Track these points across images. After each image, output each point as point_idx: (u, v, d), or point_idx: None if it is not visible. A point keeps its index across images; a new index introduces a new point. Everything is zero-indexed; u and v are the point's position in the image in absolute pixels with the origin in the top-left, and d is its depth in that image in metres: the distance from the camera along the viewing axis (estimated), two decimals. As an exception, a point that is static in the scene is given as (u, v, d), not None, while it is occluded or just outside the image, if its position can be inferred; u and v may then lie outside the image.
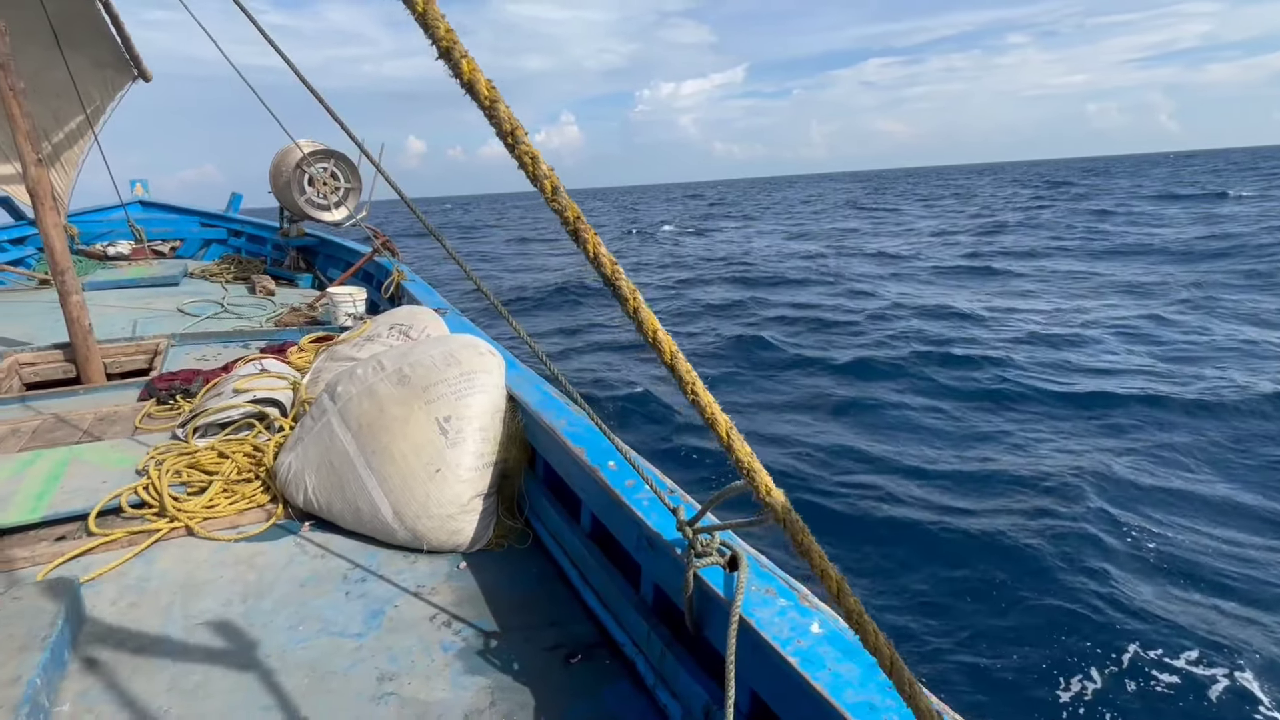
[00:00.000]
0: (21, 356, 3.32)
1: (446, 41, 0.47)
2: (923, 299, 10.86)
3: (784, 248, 20.38)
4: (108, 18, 4.92)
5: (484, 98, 0.48)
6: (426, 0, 0.46)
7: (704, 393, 0.57)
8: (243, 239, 7.02)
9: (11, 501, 1.89)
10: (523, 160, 0.49)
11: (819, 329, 9.37)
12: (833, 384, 6.86)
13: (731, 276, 14.41)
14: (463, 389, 2.04)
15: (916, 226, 25.32)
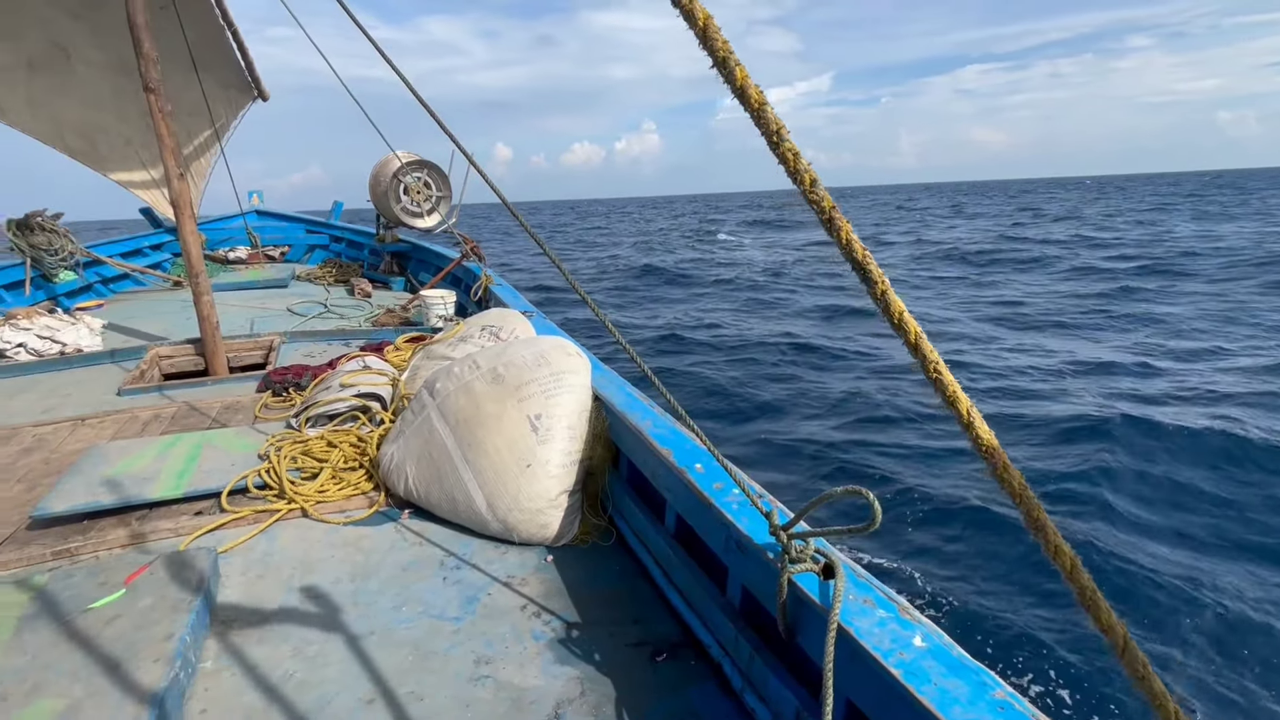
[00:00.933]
0: (161, 350, 3.70)
1: (723, 52, 0.53)
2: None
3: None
4: (235, 45, 5.42)
5: (754, 101, 0.54)
6: (707, 16, 0.52)
7: (946, 373, 0.59)
8: (343, 244, 7.53)
9: (158, 479, 2.11)
10: (784, 157, 0.54)
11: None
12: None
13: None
14: (552, 388, 2.11)
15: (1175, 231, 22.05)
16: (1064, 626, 3.21)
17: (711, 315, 11.58)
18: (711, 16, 0.53)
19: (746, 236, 32.27)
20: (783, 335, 9.57)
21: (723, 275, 17.09)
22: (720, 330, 10.28)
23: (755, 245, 26.98)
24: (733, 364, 8.06)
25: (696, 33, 0.54)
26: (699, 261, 20.79)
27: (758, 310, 12.22)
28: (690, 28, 0.54)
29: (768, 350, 8.83)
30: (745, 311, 12.07)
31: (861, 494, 1.01)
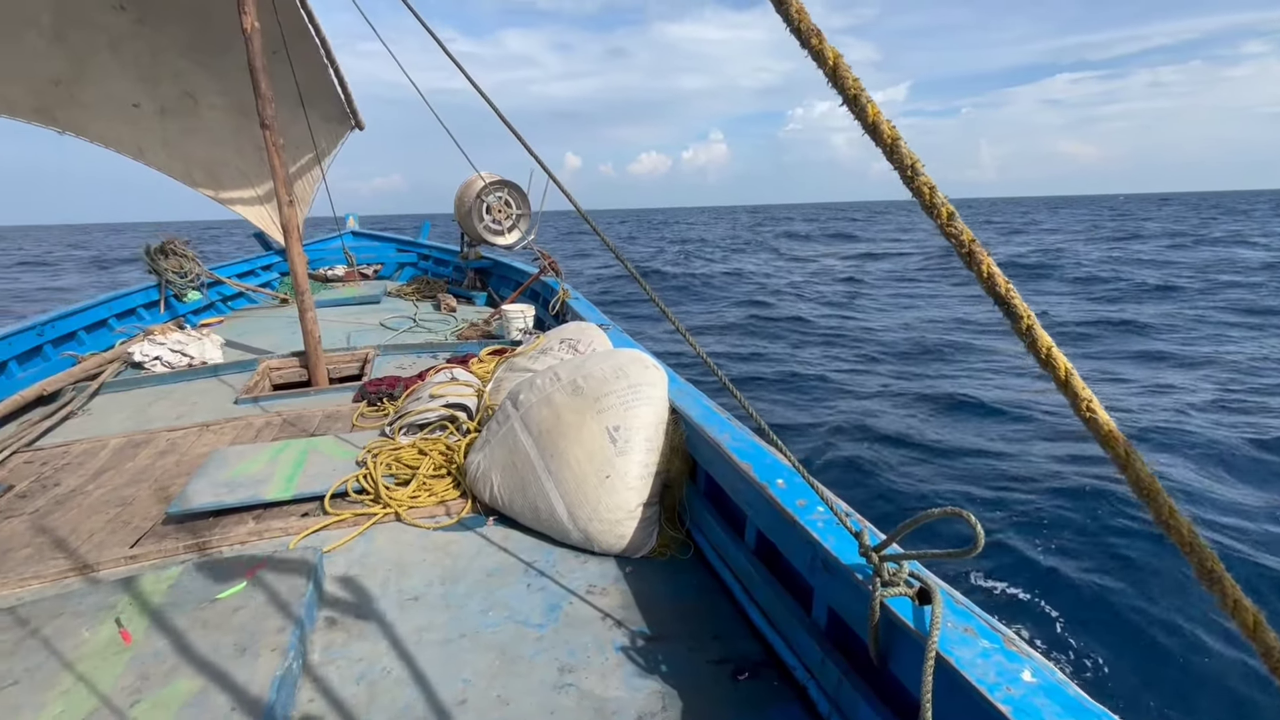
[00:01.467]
0: (271, 363, 4.03)
1: (854, 89, 0.55)
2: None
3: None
4: (336, 81, 5.87)
5: (886, 138, 0.55)
6: (836, 56, 0.54)
7: (1100, 411, 0.57)
8: (430, 262, 7.95)
9: (270, 482, 2.30)
10: (920, 191, 0.55)
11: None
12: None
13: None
14: (630, 400, 2.13)
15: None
16: (1202, 677, 2.88)
17: (789, 325, 11.36)
18: (841, 55, 0.53)
19: (817, 245, 31.50)
20: (870, 342, 9.26)
21: (793, 280, 16.78)
22: (801, 340, 10.07)
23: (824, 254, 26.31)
24: (812, 377, 7.85)
25: (826, 72, 0.54)
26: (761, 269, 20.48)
27: (841, 319, 11.89)
28: (820, 67, 0.54)
29: (852, 360, 8.55)
30: (829, 321, 11.76)
31: (962, 516, 0.96)
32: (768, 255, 26.92)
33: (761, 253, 28.23)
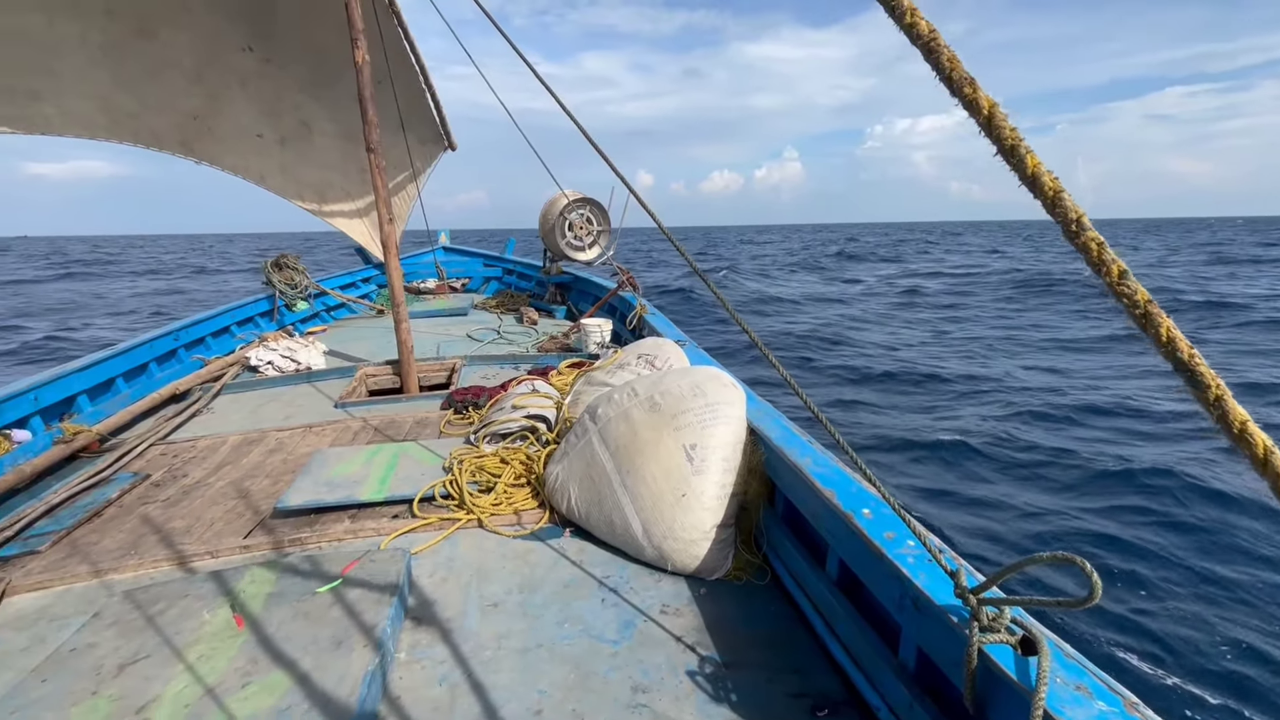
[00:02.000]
0: (367, 369, 4.30)
1: (1011, 140, 0.54)
2: None
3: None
4: (433, 106, 6.25)
5: (1047, 190, 0.53)
6: (991, 105, 0.53)
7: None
8: (514, 276, 8.26)
9: (365, 483, 2.44)
10: (1086, 247, 0.52)
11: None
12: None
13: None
14: (708, 418, 2.12)
15: None
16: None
17: (867, 345, 10.94)
18: (996, 105, 0.51)
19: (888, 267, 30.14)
20: (968, 365, 8.77)
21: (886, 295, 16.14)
22: (888, 358, 9.66)
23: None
24: (906, 399, 7.50)
25: (980, 122, 0.53)
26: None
27: (927, 341, 11.33)
28: (974, 117, 0.53)
29: (947, 382, 8.11)
30: (921, 342, 11.23)
31: (1075, 563, 0.88)
32: (814, 275, 26.01)
33: (810, 272, 27.29)
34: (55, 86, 3.91)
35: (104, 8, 3.97)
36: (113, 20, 4.05)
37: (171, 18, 4.34)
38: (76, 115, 4.09)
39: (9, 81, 3.69)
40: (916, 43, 0.58)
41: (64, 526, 2.27)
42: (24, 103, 3.80)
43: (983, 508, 4.71)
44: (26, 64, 3.74)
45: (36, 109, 3.87)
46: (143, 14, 4.18)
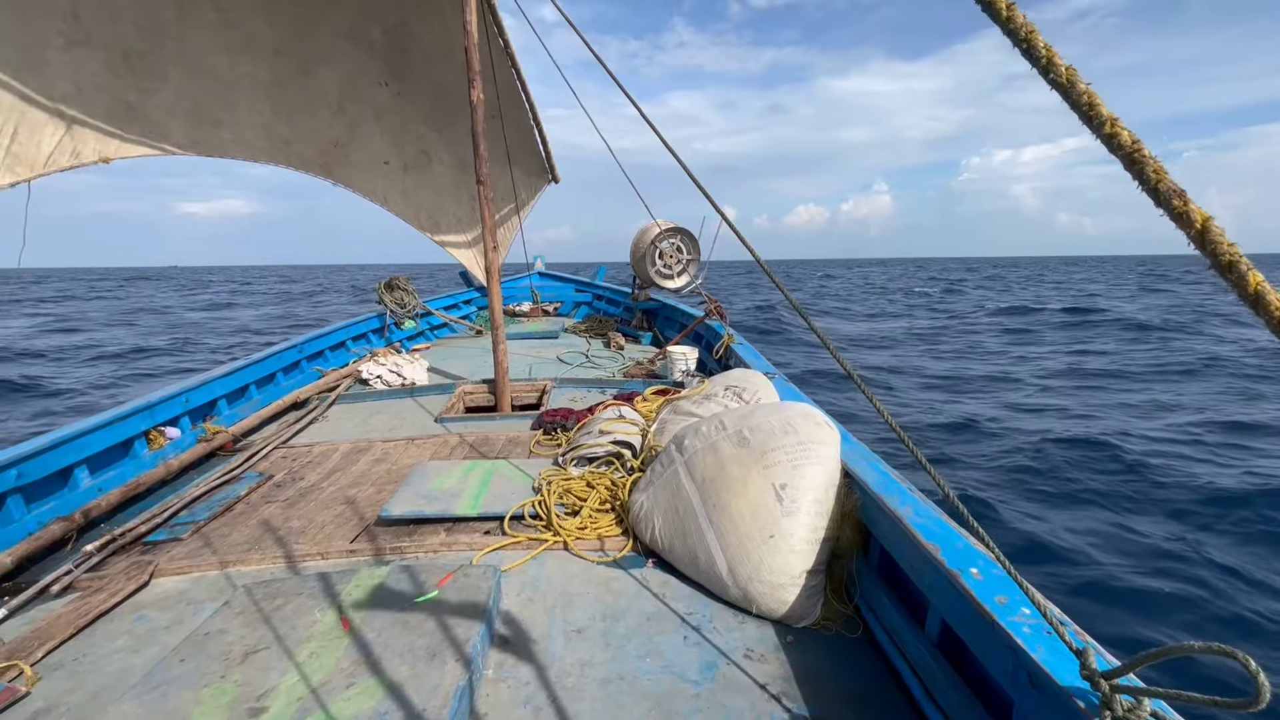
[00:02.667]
0: (465, 387, 4.53)
1: (1181, 203, 0.52)
2: None
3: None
4: (540, 141, 6.59)
5: (1224, 255, 0.50)
6: (1207, 221, 0.51)
7: None
8: (603, 302, 8.47)
9: (460, 498, 2.56)
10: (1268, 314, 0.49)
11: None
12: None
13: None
14: (799, 458, 2.06)
15: None
16: None
17: (967, 378, 10.25)
18: (1162, 168, 0.49)
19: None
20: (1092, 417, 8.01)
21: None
22: (992, 397, 9.01)
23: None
24: (1015, 438, 6.93)
25: (1172, 216, 0.51)
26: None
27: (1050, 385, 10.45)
28: (1121, 165, 0.51)
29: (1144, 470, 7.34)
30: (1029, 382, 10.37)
31: (1237, 657, 0.78)
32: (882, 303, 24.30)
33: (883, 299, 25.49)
34: (232, 116, 4.49)
35: (274, 49, 4.53)
36: (280, 59, 4.61)
37: (326, 57, 4.88)
38: (245, 141, 4.67)
39: (201, 111, 4.27)
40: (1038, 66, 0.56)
41: (201, 519, 2.52)
42: (209, 129, 4.38)
43: (1102, 574, 4.24)
44: (214, 97, 4.32)
45: (218, 135, 4.46)
46: (304, 54, 4.72)
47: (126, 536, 2.37)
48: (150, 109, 3.99)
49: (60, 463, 2.58)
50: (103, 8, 3.52)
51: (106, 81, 3.70)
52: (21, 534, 2.33)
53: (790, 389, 3.24)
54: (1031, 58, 0.58)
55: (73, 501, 2.58)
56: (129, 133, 3.88)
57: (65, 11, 3.37)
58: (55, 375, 12.15)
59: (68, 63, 3.45)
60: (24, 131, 3.26)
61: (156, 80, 3.97)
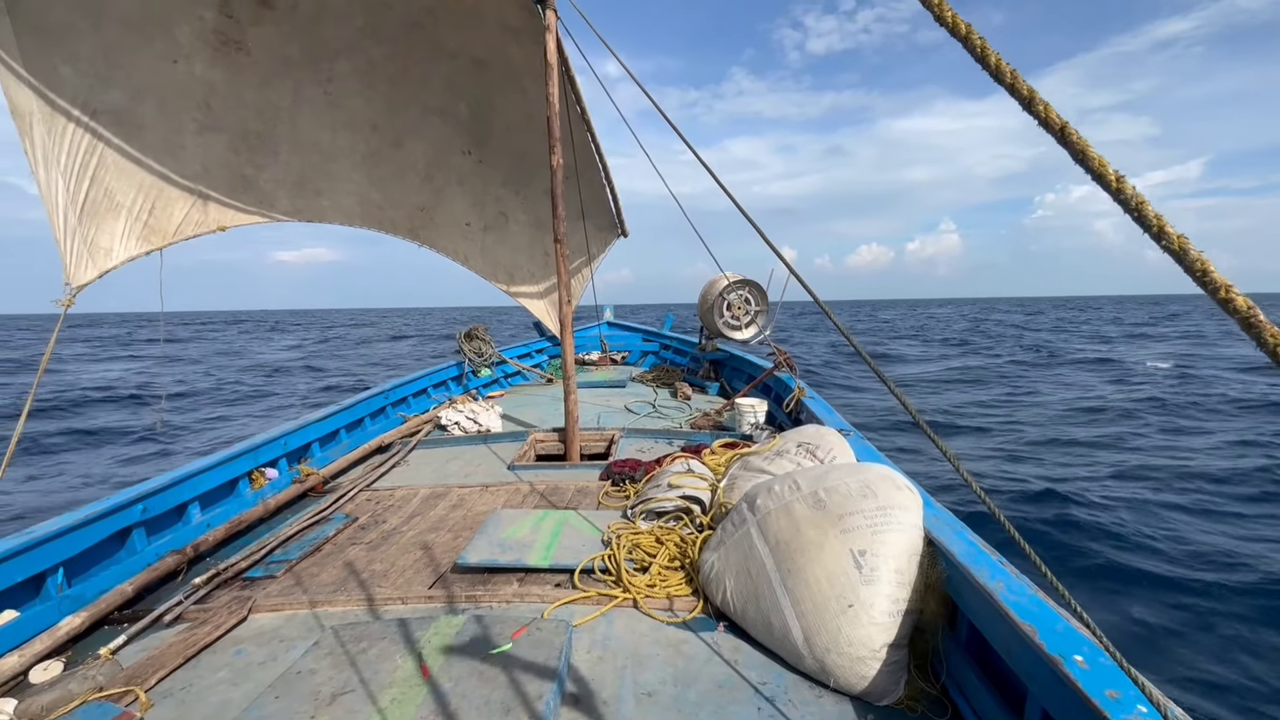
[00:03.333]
0: (537, 435, 4.65)
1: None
2: None
3: None
4: (611, 197, 6.87)
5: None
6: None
7: None
8: (670, 351, 8.55)
9: (532, 548, 2.60)
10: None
11: None
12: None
13: None
14: (879, 523, 1.99)
15: None
16: None
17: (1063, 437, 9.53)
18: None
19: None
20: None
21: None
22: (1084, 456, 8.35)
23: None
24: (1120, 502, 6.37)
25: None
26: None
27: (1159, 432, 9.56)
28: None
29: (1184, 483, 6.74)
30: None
31: None
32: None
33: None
34: (331, 185, 4.96)
35: (371, 125, 5.00)
36: (375, 133, 5.07)
37: (417, 131, 5.33)
38: (342, 208, 5.13)
39: (304, 181, 4.75)
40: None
41: (293, 557, 2.68)
42: (311, 198, 4.85)
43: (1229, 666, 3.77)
44: (316, 169, 4.80)
45: (317, 202, 4.92)
46: (398, 129, 5.18)
47: (229, 571, 2.54)
48: (262, 181, 4.46)
49: (177, 499, 2.82)
50: (230, 97, 4.02)
51: (228, 159, 4.18)
52: (142, 564, 2.55)
53: (867, 448, 3.14)
54: (1143, 225, 0.60)
55: (185, 536, 2.81)
56: (243, 203, 4.35)
57: (200, 102, 3.86)
58: (132, 420, 12.85)
59: (199, 145, 3.94)
60: (160, 206, 3.72)
61: (269, 156, 4.46)
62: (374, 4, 4.26)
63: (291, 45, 4.13)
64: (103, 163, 3.33)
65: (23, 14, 2.82)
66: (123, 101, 3.38)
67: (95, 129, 3.26)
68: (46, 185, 3.06)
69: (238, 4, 3.68)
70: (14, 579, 2.12)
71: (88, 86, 3.18)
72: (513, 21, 4.63)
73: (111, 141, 3.35)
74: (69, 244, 3.12)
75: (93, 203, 3.28)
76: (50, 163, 3.05)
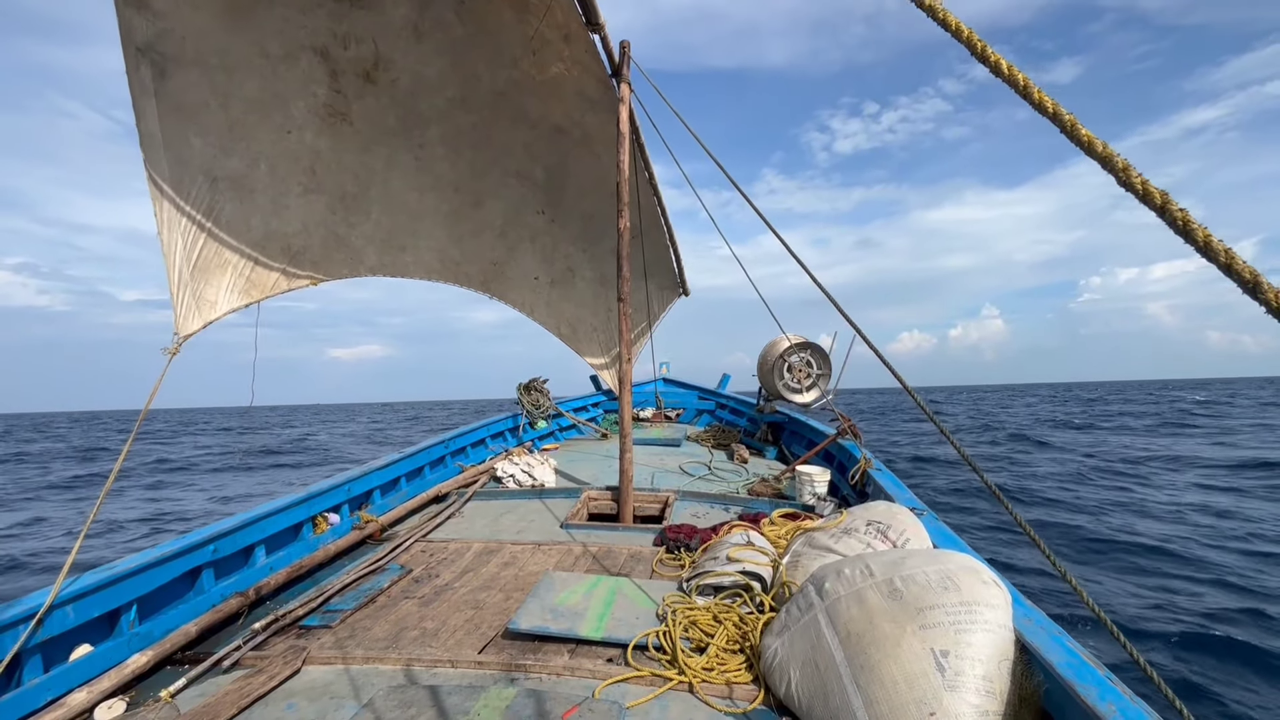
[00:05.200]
0: (590, 493, 4.60)
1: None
2: None
3: None
4: (674, 257, 6.99)
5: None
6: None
7: None
8: (726, 411, 8.42)
9: (585, 618, 2.52)
10: None
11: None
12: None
13: None
14: (963, 621, 1.82)
15: None
16: None
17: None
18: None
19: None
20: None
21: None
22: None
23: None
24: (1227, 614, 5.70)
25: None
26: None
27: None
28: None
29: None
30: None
31: None
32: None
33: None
34: (414, 243, 5.25)
35: (455, 186, 5.31)
36: (458, 194, 5.38)
37: (496, 192, 5.63)
38: (423, 263, 5.40)
39: (390, 239, 5.04)
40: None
41: (349, 607, 2.69)
42: (395, 254, 5.14)
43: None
44: (402, 227, 5.10)
45: (402, 258, 5.21)
46: (478, 190, 5.48)
47: (287, 618, 2.57)
48: (354, 239, 4.77)
49: (246, 541, 2.91)
50: (333, 162, 4.36)
51: (325, 218, 4.50)
52: (208, 605, 2.61)
53: (943, 531, 2.94)
54: (1239, 284, 0.56)
55: (249, 578, 2.87)
56: (335, 259, 4.64)
57: (307, 167, 4.21)
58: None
59: (301, 205, 4.26)
60: (261, 262, 4.01)
61: (361, 215, 4.77)
62: (466, 77, 4.59)
63: (389, 115, 4.48)
64: (217, 223, 3.65)
65: (166, 95, 3.20)
66: (240, 168, 3.72)
67: (215, 193, 3.59)
68: (169, 245, 3.36)
69: (346, 81, 4.04)
70: (92, 614, 2.20)
71: (212, 155, 3.53)
72: (591, 93, 4.88)
73: (227, 204, 3.67)
74: (181, 297, 3.39)
75: (205, 259, 3.58)
76: (174, 224, 3.37)
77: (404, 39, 4.04)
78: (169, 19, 3.02)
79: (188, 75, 3.23)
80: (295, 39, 3.61)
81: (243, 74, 3.49)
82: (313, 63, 3.79)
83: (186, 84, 3.25)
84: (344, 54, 3.89)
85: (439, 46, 4.19)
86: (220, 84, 3.41)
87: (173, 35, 3.07)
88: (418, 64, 4.23)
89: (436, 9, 3.93)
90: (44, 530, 10.69)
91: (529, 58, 4.48)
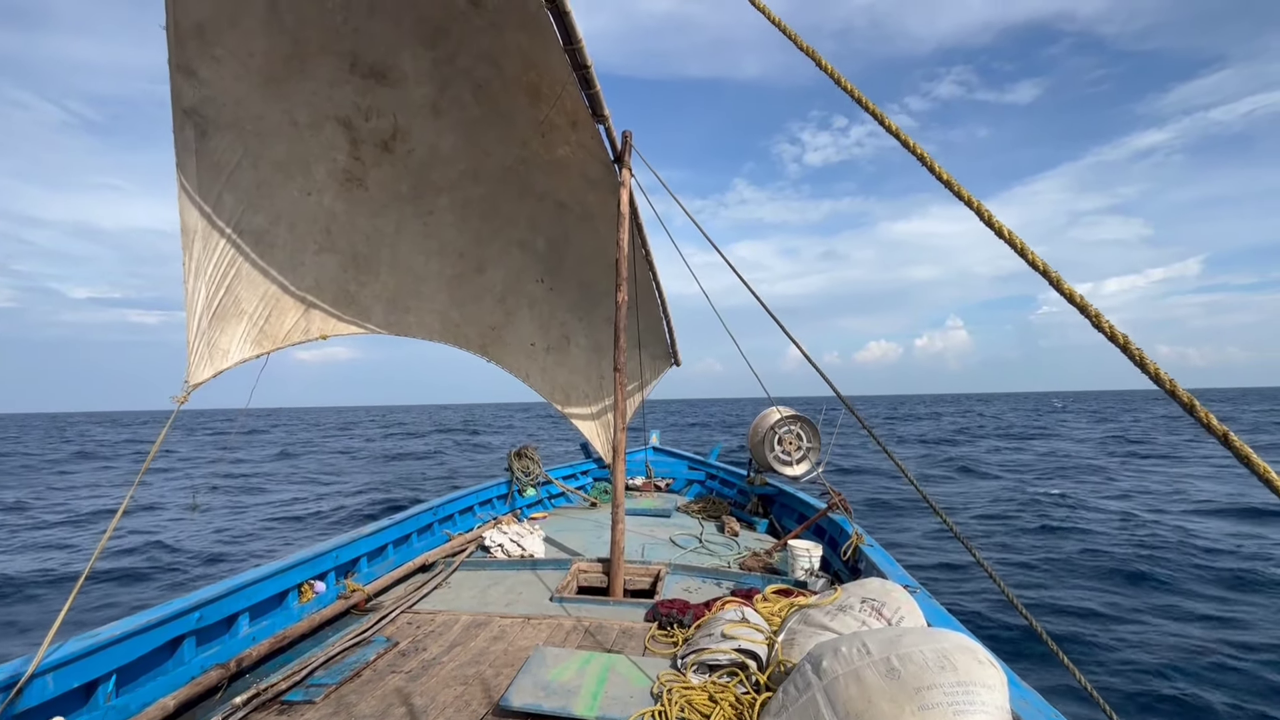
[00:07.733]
0: (580, 565, 4.52)
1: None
2: None
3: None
4: (666, 327, 7.16)
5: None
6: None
7: None
8: (716, 482, 8.38)
9: (578, 695, 2.45)
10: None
11: None
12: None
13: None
14: (961, 702, 1.82)
15: None
16: None
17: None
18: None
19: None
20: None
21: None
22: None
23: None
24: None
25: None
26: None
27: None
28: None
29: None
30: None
31: None
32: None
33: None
34: (418, 304, 5.37)
35: (459, 252, 5.48)
36: (462, 259, 5.54)
37: (498, 259, 5.81)
38: (425, 324, 5.51)
39: (396, 299, 5.16)
40: None
41: (333, 682, 2.60)
42: (400, 314, 5.25)
43: None
44: (408, 288, 5.24)
45: (406, 318, 5.31)
46: (481, 257, 5.66)
47: (268, 692, 2.47)
48: (363, 297, 4.88)
49: (230, 609, 2.83)
50: (347, 224, 4.53)
51: (337, 275, 4.63)
52: (187, 677, 2.51)
53: (936, 609, 2.94)
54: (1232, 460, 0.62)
55: (231, 648, 2.78)
56: (344, 315, 4.74)
57: (323, 227, 4.37)
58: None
59: (316, 263, 4.40)
60: (275, 314, 4.10)
61: (371, 275, 4.91)
62: (478, 153, 4.85)
63: (402, 183, 4.69)
64: (238, 274, 3.78)
65: (206, 154, 3.42)
66: (264, 224, 3.89)
67: (239, 246, 3.74)
68: (192, 293, 3.48)
69: (365, 149, 4.26)
70: (71, 684, 2.12)
71: (240, 211, 3.71)
72: (593, 175, 5.16)
73: (249, 257, 3.82)
74: (196, 345, 3.46)
75: (223, 308, 3.68)
76: (200, 273, 3.50)
77: (423, 115, 4.29)
78: (213, 87, 3.24)
79: (225, 137, 3.44)
80: (322, 109, 3.85)
81: (273, 138, 3.70)
82: (336, 131, 4.02)
83: (223, 145, 3.45)
84: (365, 125, 4.12)
85: (455, 123, 4.45)
86: (253, 146, 3.62)
87: (215, 101, 3.30)
88: (434, 137, 4.48)
89: (455, 90, 4.21)
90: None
91: (538, 139, 4.76)
